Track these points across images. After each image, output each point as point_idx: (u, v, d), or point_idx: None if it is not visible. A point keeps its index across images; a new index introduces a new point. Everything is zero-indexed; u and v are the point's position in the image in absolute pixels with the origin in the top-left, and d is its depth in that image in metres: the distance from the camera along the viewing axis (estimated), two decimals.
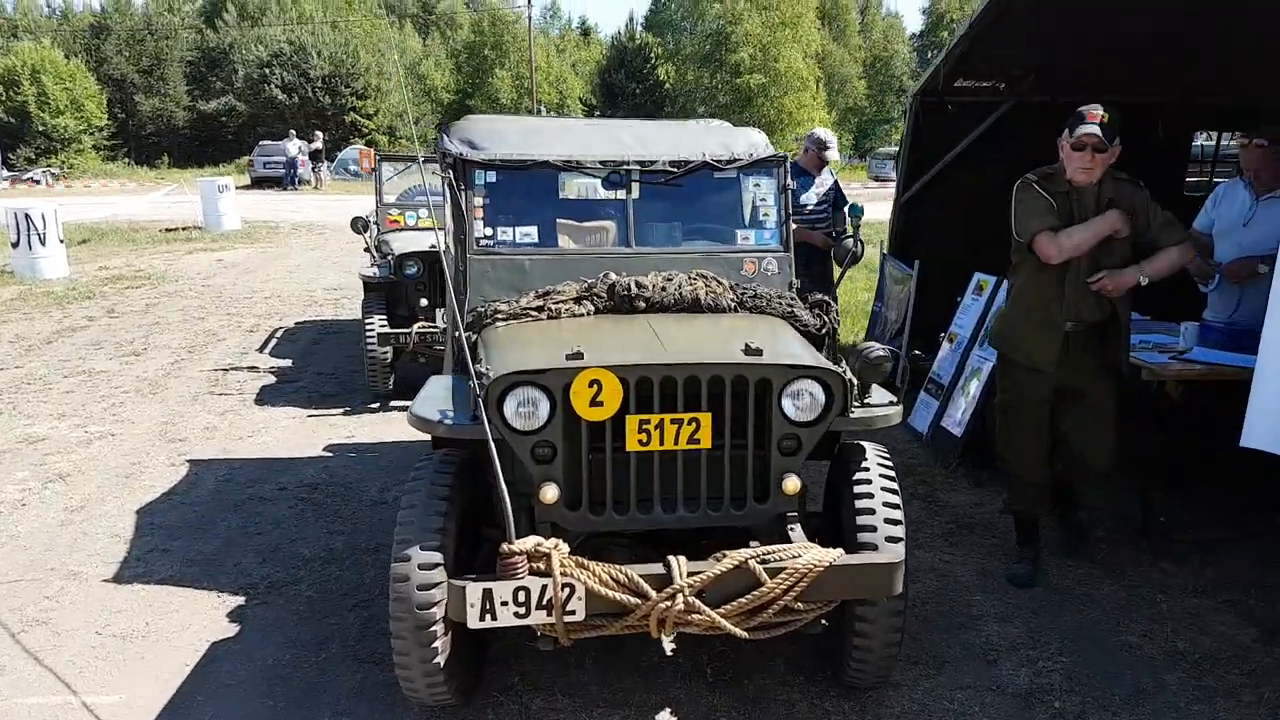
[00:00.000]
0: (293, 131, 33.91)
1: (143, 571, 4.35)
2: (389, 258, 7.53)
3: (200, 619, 3.93)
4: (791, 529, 3.14)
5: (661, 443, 3.03)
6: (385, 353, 7.15)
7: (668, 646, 3.68)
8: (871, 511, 3.16)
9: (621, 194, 4.22)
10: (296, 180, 31.73)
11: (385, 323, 7.25)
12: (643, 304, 3.82)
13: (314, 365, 8.51)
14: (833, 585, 2.91)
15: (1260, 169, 4.62)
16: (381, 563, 4.43)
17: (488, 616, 2.80)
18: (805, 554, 2.91)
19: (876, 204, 12.13)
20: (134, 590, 4.18)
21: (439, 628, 2.98)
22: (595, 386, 2.92)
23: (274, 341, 9.52)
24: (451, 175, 4.13)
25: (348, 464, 5.86)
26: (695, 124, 5.00)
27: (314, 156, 32.82)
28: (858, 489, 3.22)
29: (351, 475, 5.64)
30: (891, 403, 3.26)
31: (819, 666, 3.52)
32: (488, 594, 2.79)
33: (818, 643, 3.54)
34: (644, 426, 3.01)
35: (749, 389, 3.03)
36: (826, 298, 4.08)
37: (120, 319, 10.52)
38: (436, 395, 3.36)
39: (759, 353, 3.07)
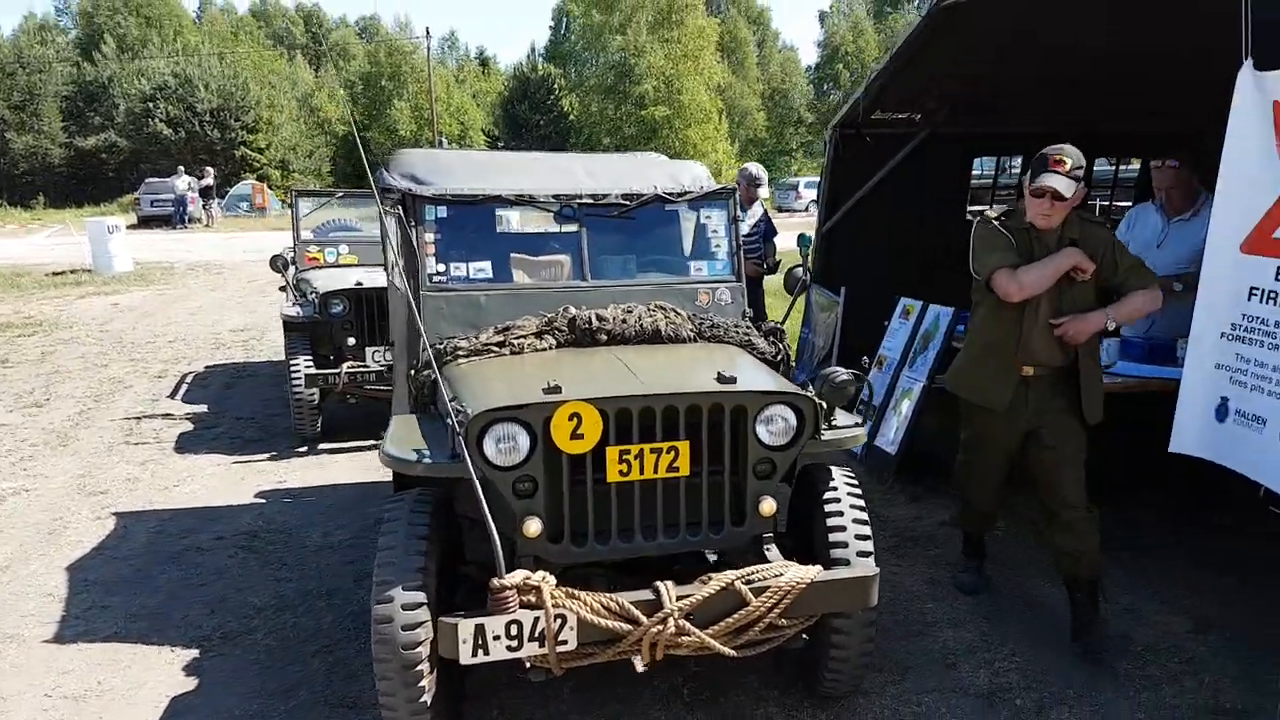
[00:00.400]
0: (181, 168, 32.87)
1: (84, 630, 4.17)
2: (312, 296, 7.39)
3: (154, 674, 3.79)
4: (768, 549, 3.23)
5: (641, 472, 3.09)
6: (312, 394, 7.00)
7: (640, 667, 3.71)
8: (843, 529, 3.28)
9: (573, 227, 4.29)
10: (186, 218, 30.74)
11: (311, 363, 7.10)
12: (604, 336, 3.88)
13: (232, 410, 8.27)
14: (814, 600, 3.01)
15: (1171, 188, 4.95)
16: (337, 607, 4.36)
17: (480, 652, 2.80)
18: (787, 572, 3.00)
19: (784, 233, 12.45)
20: (79, 649, 4.00)
21: (425, 666, 2.96)
22: (575, 419, 2.97)
23: (185, 387, 9.21)
24: (400, 211, 4.12)
25: (284, 510, 5.72)
26: (638, 157, 5.10)
27: (204, 193, 31.83)
28: (828, 508, 3.33)
29: (290, 521, 5.51)
30: (856, 424, 3.39)
31: (791, 680, 3.61)
32: (480, 629, 2.79)
33: (790, 657, 3.63)
34: (624, 457, 3.07)
35: (725, 416, 3.12)
36: (780, 326, 4.22)
37: (15, 369, 10.02)
38: (406, 435, 3.35)
39: (733, 380, 3.17)
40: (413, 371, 4.02)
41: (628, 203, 4.30)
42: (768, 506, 3.18)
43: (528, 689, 3.56)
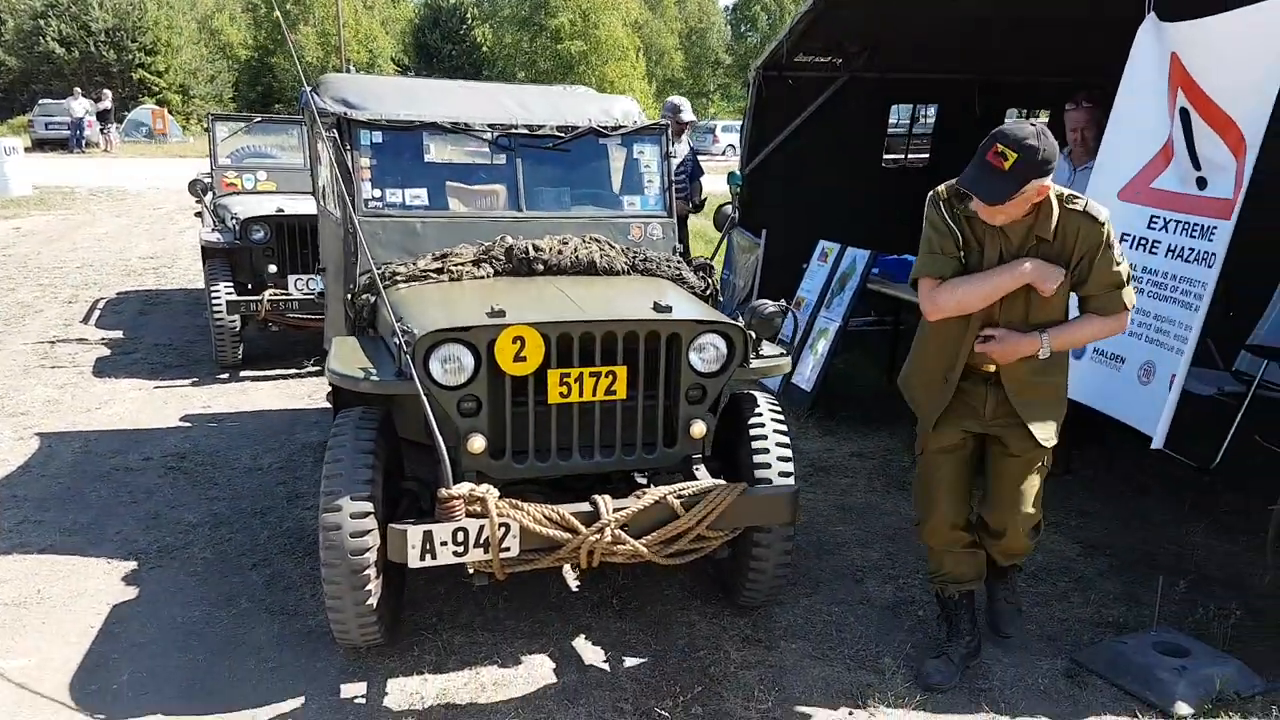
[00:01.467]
0: (77, 90, 31.23)
1: (19, 542, 4.19)
2: (232, 223, 7.30)
3: (94, 584, 3.86)
4: (697, 469, 3.46)
5: (581, 394, 3.27)
6: (233, 321, 6.96)
7: (572, 582, 3.94)
8: (766, 450, 3.52)
9: (505, 158, 4.39)
10: (84, 143, 29.36)
11: (231, 290, 7.05)
12: (540, 267, 4.02)
13: (148, 336, 8.14)
14: (739, 514, 3.25)
15: (1085, 128, 5.22)
16: (272, 524, 4.46)
17: (428, 556, 2.97)
18: (715, 488, 3.24)
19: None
20: (15, 560, 4.04)
21: (371, 572, 3.12)
22: (519, 343, 3.12)
23: (97, 313, 9.00)
24: (336, 134, 4.14)
25: (210, 434, 5.74)
26: (567, 90, 5.18)
27: (101, 117, 30.38)
28: (753, 431, 3.57)
29: (217, 445, 5.54)
30: (781, 354, 3.62)
31: (711, 591, 3.87)
32: (428, 535, 2.96)
33: (709, 570, 3.90)
34: (565, 380, 3.24)
35: (661, 343, 3.31)
36: (709, 262, 4.41)
37: None
38: (349, 355, 3.45)
39: (669, 309, 3.36)
40: (350, 295, 4.10)
41: (562, 135, 4.41)
42: (698, 429, 3.40)
43: (465, 597, 3.77)
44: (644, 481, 3.57)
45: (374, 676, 3.28)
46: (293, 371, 7.18)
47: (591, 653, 3.47)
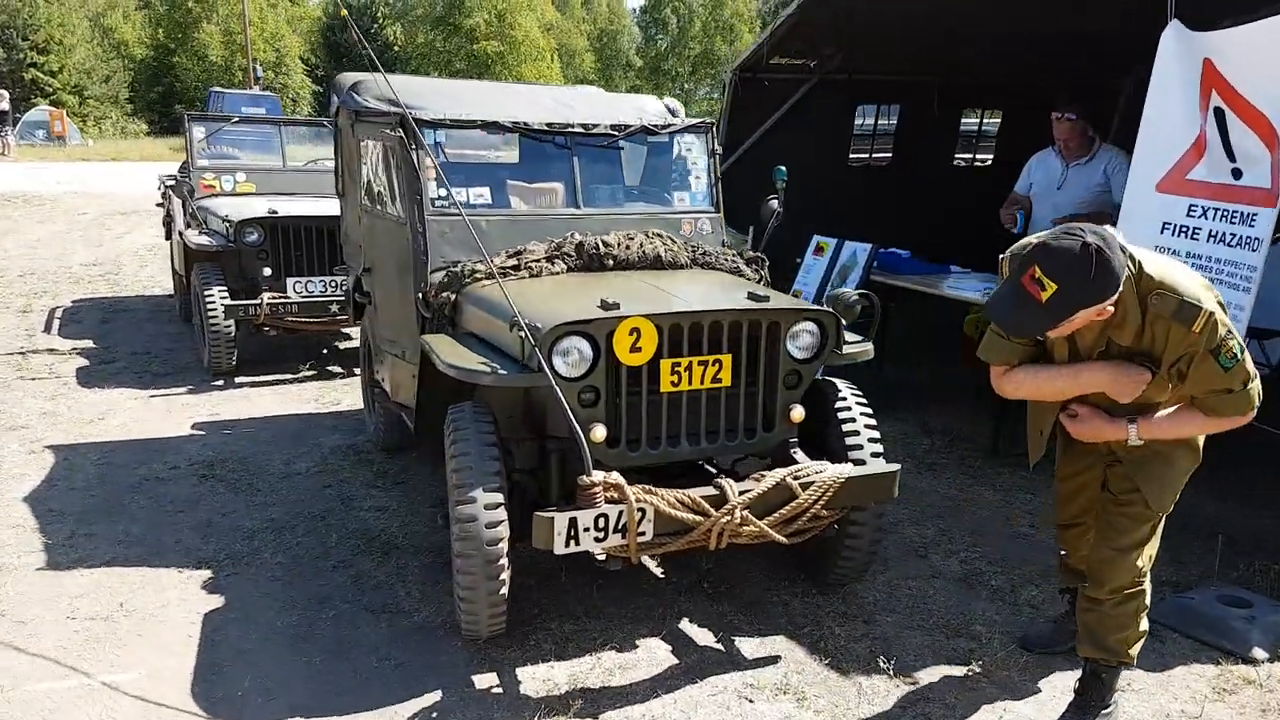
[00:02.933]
0: None
1: (79, 557, 4.07)
2: (225, 226, 7.13)
3: (174, 594, 3.79)
4: (795, 452, 3.59)
5: (690, 383, 3.37)
6: (229, 327, 6.81)
7: (656, 570, 4.04)
8: (857, 433, 3.67)
9: (563, 157, 4.46)
10: None
11: (226, 294, 6.89)
12: (610, 262, 4.11)
13: (122, 345, 7.89)
14: (850, 493, 3.39)
15: (1068, 139, 5.58)
16: (336, 527, 4.44)
17: (572, 543, 3.04)
18: (828, 469, 3.38)
19: None
20: (82, 574, 3.92)
21: (504, 561, 3.17)
22: (635, 334, 3.21)
23: (57, 322, 8.68)
24: (401, 134, 4.14)
25: (229, 441, 5.63)
26: (579, 89, 5.26)
27: None
28: (841, 415, 3.71)
29: (242, 451, 5.44)
30: (863, 341, 3.77)
31: (793, 573, 4.01)
32: (573, 522, 3.03)
33: (792, 552, 4.03)
34: (675, 369, 3.34)
35: (762, 332, 3.43)
36: (760, 255, 4.55)
37: None
38: (456, 351, 3.47)
39: (766, 299, 3.49)
40: (421, 295, 4.11)
41: (617, 133, 4.49)
42: (797, 414, 3.53)
43: (559, 589, 3.82)
44: (713, 471, 3.69)
45: (502, 667, 3.32)
46: (289, 376, 7.07)
47: (700, 634, 3.57)
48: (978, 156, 9.89)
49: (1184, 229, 4.38)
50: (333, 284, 6.95)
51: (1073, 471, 3.14)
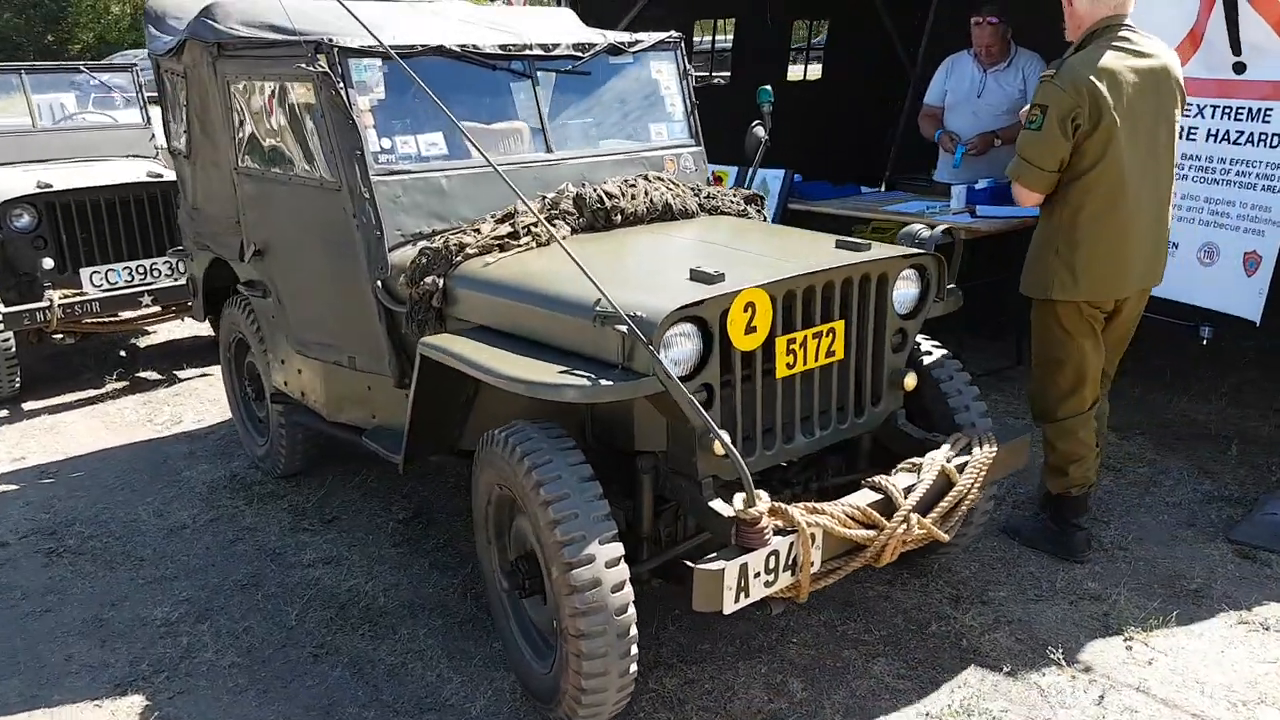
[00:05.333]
0: None
1: None
2: None
3: None
4: (902, 426, 3.03)
5: (805, 361, 2.72)
6: (7, 340, 5.25)
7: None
8: (959, 392, 3.15)
9: (524, 87, 3.56)
10: None
11: None
12: (618, 217, 3.32)
13: None
14: (998, 468, 2.88)
15: (990, 44, 5.27)
16: (286, 597, 3.42)
17: (742, 595, 2.33)
18: (977, 447, 2.83)
19: None
20: None
21: (635, 629, 2.42)
22: (750, 310, 2.50)
23: None
24: (323, 69, 3.10)
25: (61, 494, 4.32)
26: (504, 8, 4.34)
27: None
28: (935, 374, 3.17)
29: (88, 506, 4.18)
30: (953, 288, 3.23)
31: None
32: (744, 570, 2.31)
33: None
34: (791, 347, 2.67)
35: (872, 287, 2.81)
36: (759, 194, 3.89)
37: None
38: (504, 358, 2.59)
39: (867, 246, 2.87)
40: (380, 283, 3.15)
41: (581, 55, 3.64)
42: (910, 380, 2.97)
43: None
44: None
45: None
46: (95, 392, 5.63)
47: (826, 657, 2.97)
48: (808, 70, 9.61)
49: (1179, 129, 4.16)
50: (142, 270, 5.54)
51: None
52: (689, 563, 2.36)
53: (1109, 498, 3.90)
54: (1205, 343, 5.48)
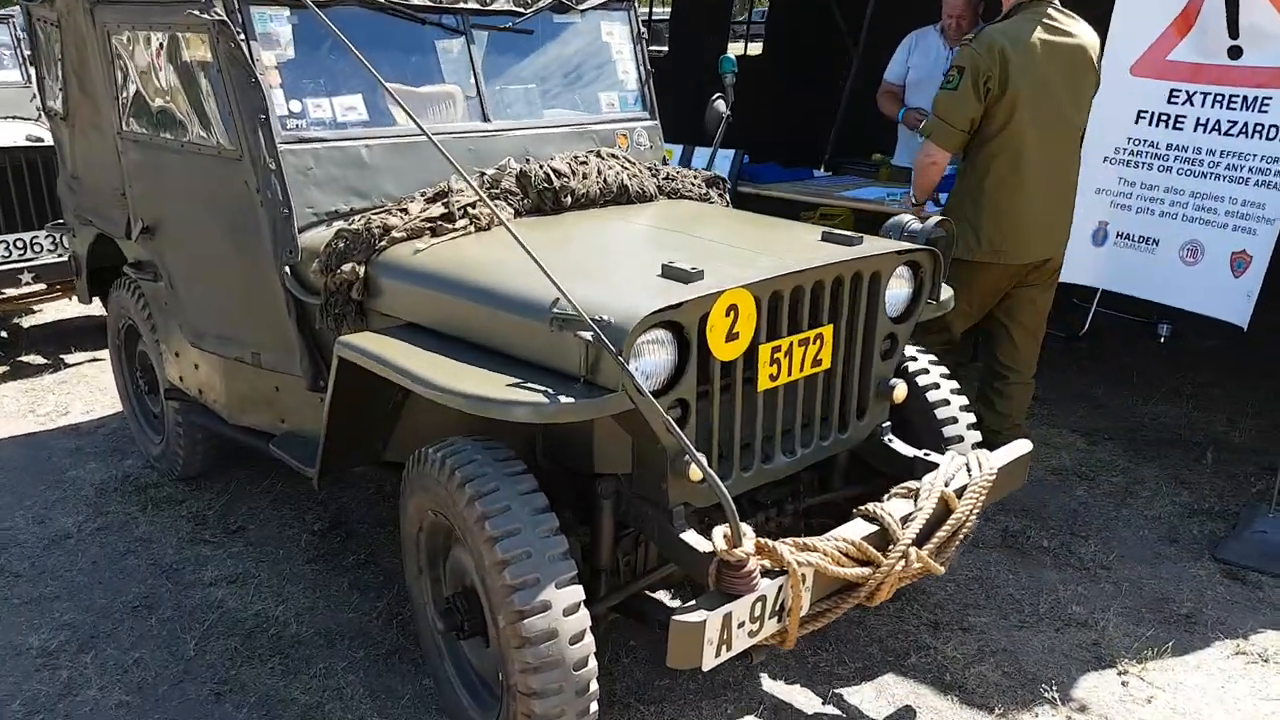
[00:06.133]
0: None
1: None
2: None
3: None
4: (889, 442, 2.71)
5: (790, 372, 2.37)
6: None
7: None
8: (947, 402, 2.85)
9: (457, 46, 3.13)
10: None
11: None
12: (568, 199, 2.92)
13: None
14: (996, 491, 2.58)
15: (961, 15, 4.96)
16: (179, 622, 2.97)
17: (724, 649, 1.99)
18: (975, 466, 2.52)
19: None
20: None
21: (595, 682, 2.07)
22: (732, 314, 2.15)
23: None
24: (221, 17, 2.65)
25: None
26: None
27: None
28: (920, 381, 2.86)
29: None
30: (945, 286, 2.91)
31: None
32: (727, 621, 1.96)
33: None
34: (775, 356, 2.32)
35: (863, 286, 2.48)
36: (721, 176, 3.52)
37: None
38: (441, 366, 2.19)
39: (859, 240, 2.53)
40: (290, 269, 2.71)
41: (523, 10, 3.22)
42: (900, 391, 2.64)
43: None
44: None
45: None
46: None
47: (799, 696, 2.66)
48: (749, 47, 9.26)
49: (1163, 117, 3.92)
50: (21, 245, 4.95)
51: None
52: (666, 610, 2.02)
53: (1084, 510, 3.67)
54: (1163, 340, 5.39)
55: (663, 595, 2.84)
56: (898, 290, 2.61)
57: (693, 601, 1.97)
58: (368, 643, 2.87)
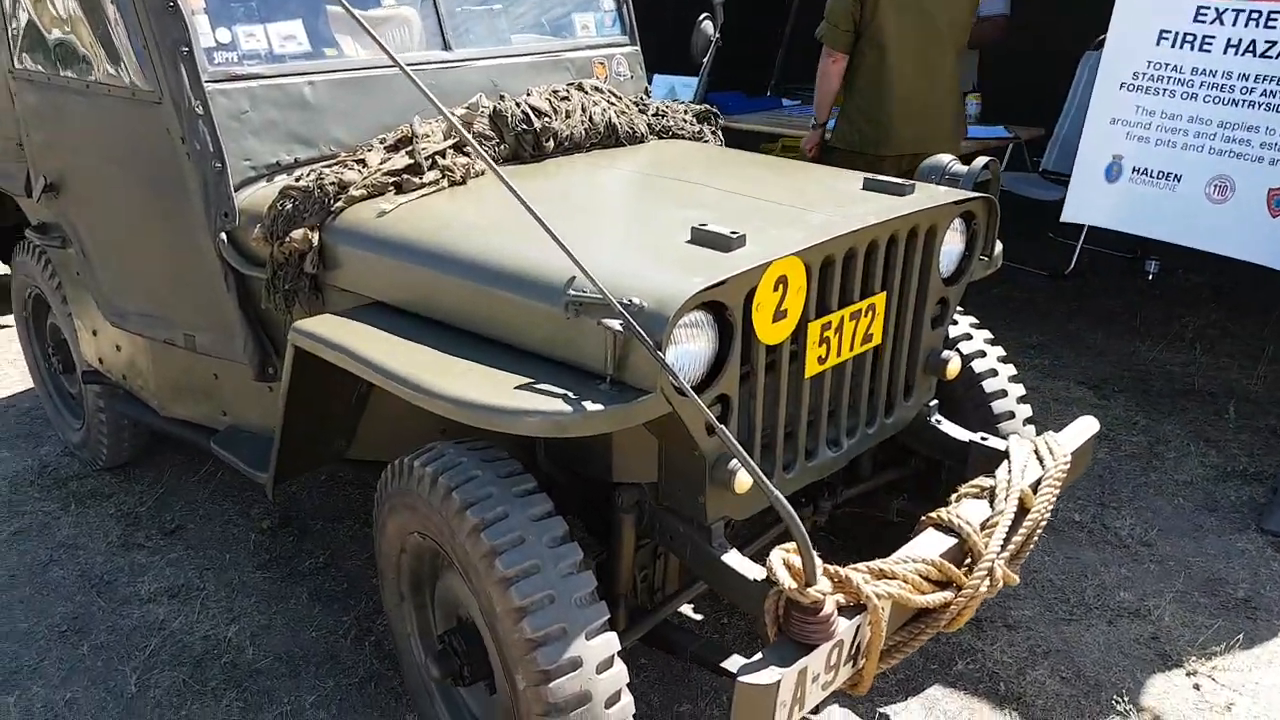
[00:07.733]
0: None
1: None
2: None
3: None
4: (939, 422, 2.36)
5: (839, 351, 2.00)
6: None
7: (692, 612, 2.69)
8: (995, 373, 2.50)
9: None
10: None
11: None
12: (550, 142, 2.48)
13: None
14: (1069, 476, 2.25)
15: None
16: (113, 649, 2.56)
17: (797, 709, 1.63)
18: (1046, 454, 2.17)
19: None
20: None
21: None
22: (780, 287, 1.76)
23: None
24: None
25: None
26: None
27: None
28: (970, 356, 2.50)
29: None
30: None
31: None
32: (801, 679, 1.60)
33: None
34: (824, 334, 1.94)
35: (918, 245, 2.10)
36: (713, 110, 3.08)
37: None
38: (415, 358, 1.77)
39: (910, 190, 2.14)
40: (226, 236, 2.24)
41: None
42: (954, 366, 2.29)
43: None
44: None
45: None
46: None
47: (837, 704, 2.34)
48: None
49: (1189, 38, 3.56)
50: None
51: None
52: (698, 640, 1.68)
53: (1110, 475, 3.39)
54: (1151, 278, 5.13)
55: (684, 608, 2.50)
56: (952, 246, 2.24)
57: (758, 656, 1.60)
58: (337, 669, 2.48)
